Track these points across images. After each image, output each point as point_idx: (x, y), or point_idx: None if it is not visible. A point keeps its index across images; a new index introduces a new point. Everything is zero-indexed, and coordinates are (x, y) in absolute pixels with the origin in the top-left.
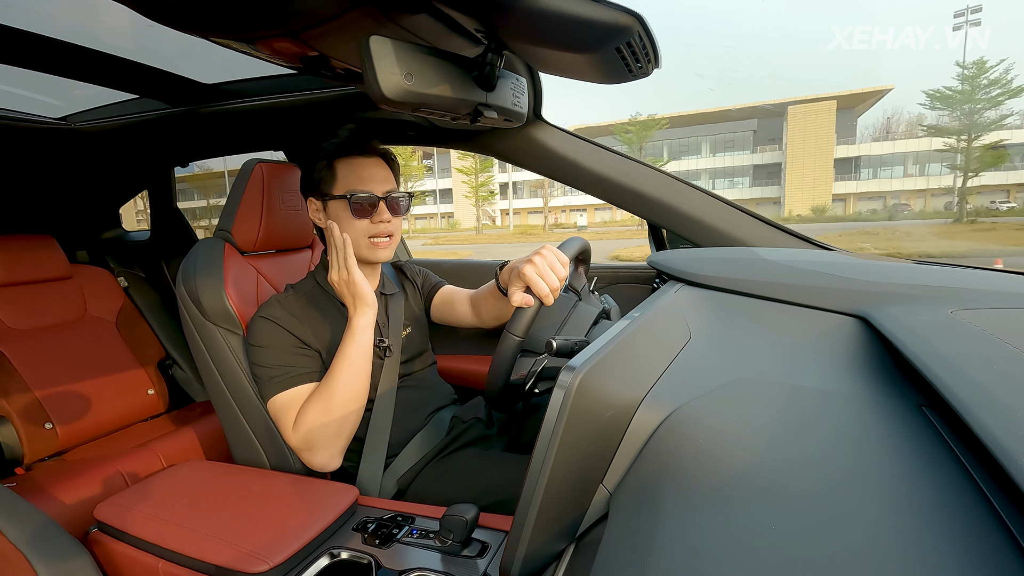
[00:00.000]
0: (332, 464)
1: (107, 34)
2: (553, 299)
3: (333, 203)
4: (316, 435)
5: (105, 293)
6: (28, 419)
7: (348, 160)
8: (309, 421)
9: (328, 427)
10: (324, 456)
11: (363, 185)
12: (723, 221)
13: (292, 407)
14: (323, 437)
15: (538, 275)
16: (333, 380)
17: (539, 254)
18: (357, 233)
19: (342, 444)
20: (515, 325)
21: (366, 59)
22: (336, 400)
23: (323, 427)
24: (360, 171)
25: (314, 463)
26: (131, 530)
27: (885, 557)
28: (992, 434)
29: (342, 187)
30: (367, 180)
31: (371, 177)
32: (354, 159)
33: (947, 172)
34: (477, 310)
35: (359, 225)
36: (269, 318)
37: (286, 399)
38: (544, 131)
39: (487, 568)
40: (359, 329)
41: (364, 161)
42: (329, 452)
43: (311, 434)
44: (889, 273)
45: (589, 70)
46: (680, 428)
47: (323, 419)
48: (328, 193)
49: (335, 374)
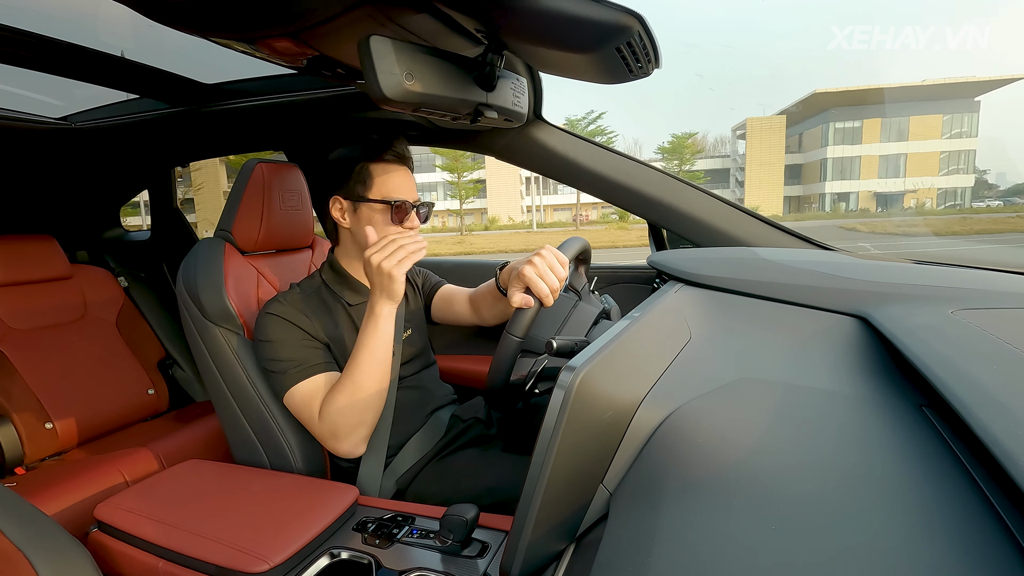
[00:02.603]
0: (358, 450)
1: (107, 34)
2: (553, 300)
3: (367, 206)
4: (341, 422)
5: (105, 293)
6: (28, 419)
7: (383, 166)
8: (334, 409)
9: (352, 414)
10: (350, 443)
11: (399, 192)
12: (723, 221)
13: (314, 397)
14: (348, 423)
15: (538, 276)
16: (355, 367)
17: (539, 255)
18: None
19: (366, 431)
20: (515, 326)
21: (366, 59)
22: (359, 386)
23: (348, 415)
24: (396, 178)
25: (340, 450)
26: (131, 530)
27: (885, 557)
28: (992, 434)
29: (379, 192)
30: (402, 188)
31: (406, 185)
32: (389, 165)
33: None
34: (477, 308)
35: (391, 230)
36: (275, 314)
37: (306, 390)
38: (544, 131)
39: (487, 568)
40: (381, 317)
41: (398, 168)
42: (354, 439)
43: (336, 422)
44: (889, 273)
45: (589, 70)
46: (680, 428)
47: (347, 407)
48: (363, 196)
49: (357, 361)
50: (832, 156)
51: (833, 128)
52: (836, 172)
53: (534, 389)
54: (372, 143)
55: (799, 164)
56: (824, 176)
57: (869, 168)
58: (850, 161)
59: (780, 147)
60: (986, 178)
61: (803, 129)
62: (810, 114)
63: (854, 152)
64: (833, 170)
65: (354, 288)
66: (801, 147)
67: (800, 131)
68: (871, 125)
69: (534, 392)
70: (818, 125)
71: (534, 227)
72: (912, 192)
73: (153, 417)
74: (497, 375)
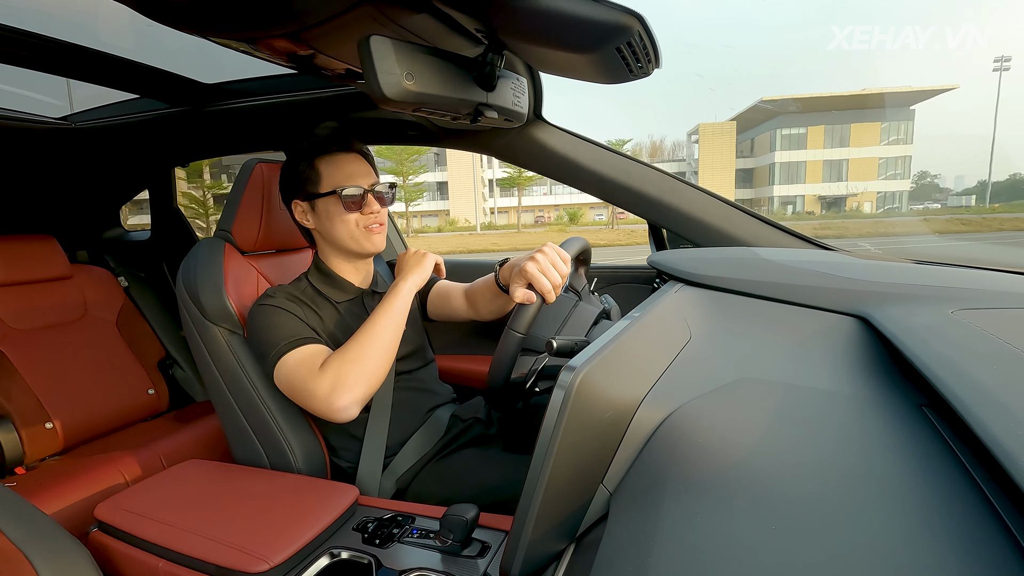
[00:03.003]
0: (352, 411)
1: (107, 34)
2: (555, 296)
3: (322, 201)
4: (347, 373)
5: (105, 293)
6: (28, 419)
7: (329, 158)
8: (338, 362)
9: (357, 369)
10: (348, 398)
11: (349, 180)
12: (723, 221)
13: (312, 358)
14: (351, 378)
15: (540, 272)
16: (370, 327)
17: (541, 251)
18: (351, 226)
19: (366, 390)
20: (517, 321)
21: (366, 59)
22: (370, 345)
23: (352, 368)
24: (344, 167)
25: (334, 407)
26: (131, 530)
27: (885, 557)
28: (992, 434)
29: (328, 184)
30: (352, 176)
31: (356, 172)
32: (335, 156)
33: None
34: (473, 304)
35: (351, 218)
36: (268, 304)
37: (301, 354)
38: (544, 131)
39: (487, 568)
40: (404, 290)
41: (345, 157)
42: (355, 394)
43: (341, 372)
44: (889, 273)
45: (589, 70)
46: (680, 428)
47: (354, 360)
48: (315, 192)
49: (373, 321)
50: (780, 161)
51: (780, 134)
52: (784, 176)
53: (534, 388)
54: (316, 140)
55: (751, 168)
56: (773, 180)
57: (814, 173)
58: (796, 166)
59: (731, 152)
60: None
61: (754, 135)
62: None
63: (800, 157)
64: (781, 174)
65: (340, 287)
66: (753, 152)
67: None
68: (815, 132)
69: (534, 391)
70: (767, 131)
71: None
72: (854, 195)
73: (153, 417)
74: (499, 372)
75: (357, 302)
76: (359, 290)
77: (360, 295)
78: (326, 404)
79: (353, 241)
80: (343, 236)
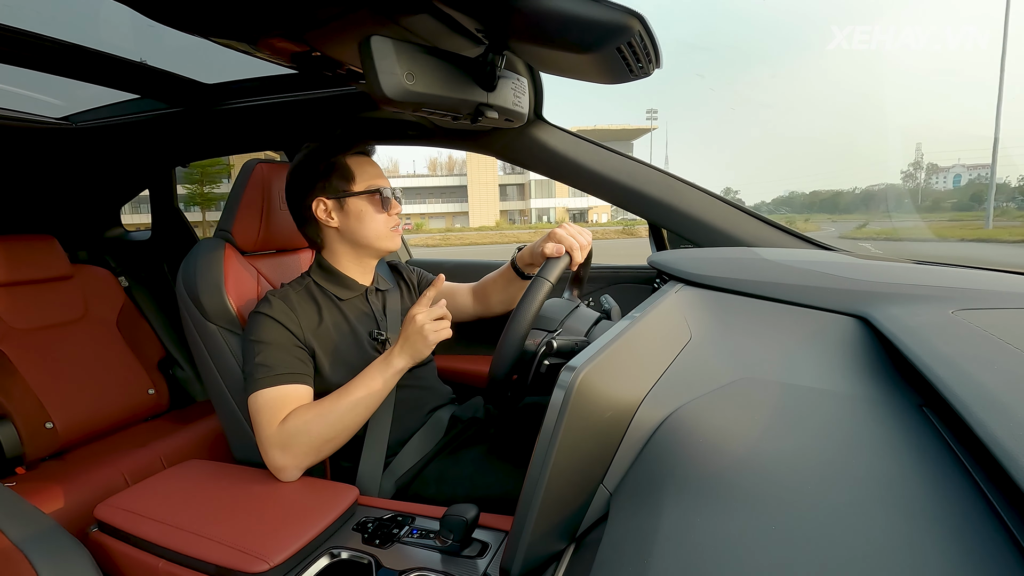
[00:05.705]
0: (290, 474)
1: (108, 34)
2: (582, 256)
3: (355, 200)
4: (298, 441)
5: (106, 293)
6: (28, 418)
7: (357, 158)
8: (300, 423)
9: (311, 441)
10: (291, 461)
11: (378, 181)
12: (723, 221)
13: (280, 403)
14: (302, 447)
15: (568, 234)
16: (345, 399)
17: (562, 227)
18: (381, 226)
19: (310, 461)
20: (547, 271)
21: (367, 59)
22: (339, 420)
23: (308, 438)
24: (372, 168)
25: (274, 463)
26: (131, 530)
27: (885, 556)
28: (992, 434)
29: (363, 183)
30: (379, 176)
31: (381, 173)
32: (362, 157)
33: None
34: (483, 298)
35: (381, 218)
36: (267, 314)
37: (273, 395)
38: (545, 131)
39: (487, 568)
40: (393, 370)
41: (369, 159)
42: (295, 462)
43: (293, 437)
44: (889, 273)
45: (590, 70)
46: (680, 428)
47: (311, 431)
48: (347, 190)
49: (349, 393)
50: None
51: None
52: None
53: (540, 367)
54: (340, 138)
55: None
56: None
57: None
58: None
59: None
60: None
61: None
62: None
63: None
64: (537, 189)
65: (345, 284)
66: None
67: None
68: None
69: (539, 373)
70: None
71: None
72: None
73: (153, 417)
74: (522, 320)
75: (361, 299)
76: (363, 287)
77: (364, 292)
78: (268, 457)
79: (380, 240)
80: (371, 235)
